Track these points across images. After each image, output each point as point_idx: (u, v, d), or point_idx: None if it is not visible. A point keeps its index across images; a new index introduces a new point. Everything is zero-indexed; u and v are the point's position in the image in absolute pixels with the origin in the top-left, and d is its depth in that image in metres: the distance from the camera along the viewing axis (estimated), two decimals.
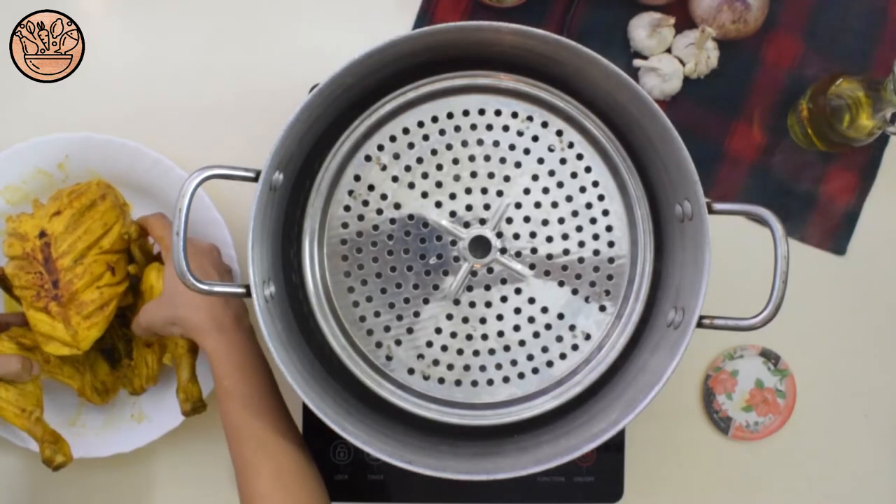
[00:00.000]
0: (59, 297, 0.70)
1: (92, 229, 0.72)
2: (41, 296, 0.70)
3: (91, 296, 0.71)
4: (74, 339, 0.71)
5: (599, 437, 0.60)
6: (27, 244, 0.71)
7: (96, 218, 0.72)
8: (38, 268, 0.71)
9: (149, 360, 0.76)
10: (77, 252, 0.71)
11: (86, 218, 0.72)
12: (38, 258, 0.70)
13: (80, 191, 0.73)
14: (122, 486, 0.78)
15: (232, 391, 0.66)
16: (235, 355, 0.67)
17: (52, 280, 0.70)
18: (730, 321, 0.60)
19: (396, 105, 0.69)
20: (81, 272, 0.71)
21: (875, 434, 0.80)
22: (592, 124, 0.69)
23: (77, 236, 0.71)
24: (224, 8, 0.79)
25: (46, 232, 0.71)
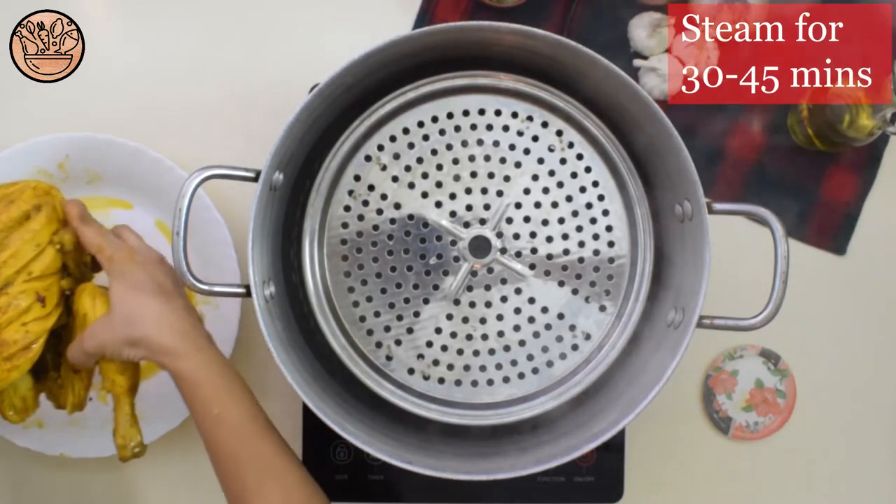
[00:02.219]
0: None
1: (21, 252, 0.61)
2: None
3: (14, 335, 0.61)
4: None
5: (599, 437, 0.60)
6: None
7: (27, 238, 0.62)
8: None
9: (76, 388, 0.67)
10: (3, 281, 0.61)
11: (14, 238, 0.61)
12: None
13: (9, 197, 0.63)
14: (121, 486, 0.78)
15: (224, 418, 0.60)
16: (220, 377, 0.61)
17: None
18: (730, 321, 0.60)
19: (396, 105, 0.69)
20: (4, 306, 0.60)
21: (875, 434, 0.80)
22: (592, 124, 0.69)
23: (2, 261, 0.61)
24: (224, 8, 0.79)
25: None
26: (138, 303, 0.60)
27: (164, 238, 0.77)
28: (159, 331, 0.60)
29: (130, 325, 0.60)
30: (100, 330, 0.61)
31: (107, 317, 0.61)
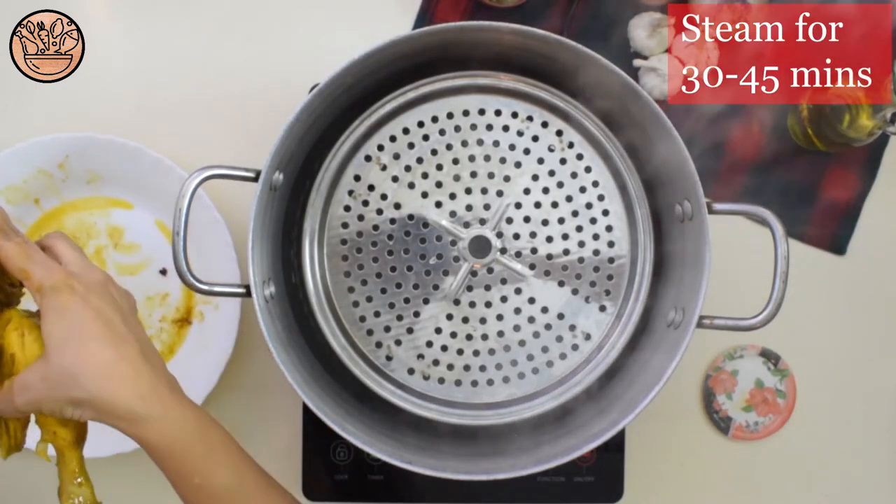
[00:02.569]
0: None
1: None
2: None
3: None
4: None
5: (599, 437, 0.60)
6: None
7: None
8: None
9: (11, 429, 0.55)
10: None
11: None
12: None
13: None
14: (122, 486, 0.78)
15: (206, 487, 0.51)
16: (195, 440, 0.51)
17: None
18: (730, 321, 0.60)
19: (396, 105, 0.69)
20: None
21: (875, 434, 0.80)
22: (592, 124, 0.69)
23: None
24: (224, 8, 0.79)
25: None
26: (81, 350, 0.48)
27: (164, 238, 0.77)
28: (111, 390, 0.49)
29: (72, 381, 0.48)
30: (34, 383, 0.49)
31: (42, 366, 0.49)
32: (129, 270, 0.78)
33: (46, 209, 0.77)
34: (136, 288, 0.77)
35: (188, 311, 0.78)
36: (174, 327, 0.78)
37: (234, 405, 0.78)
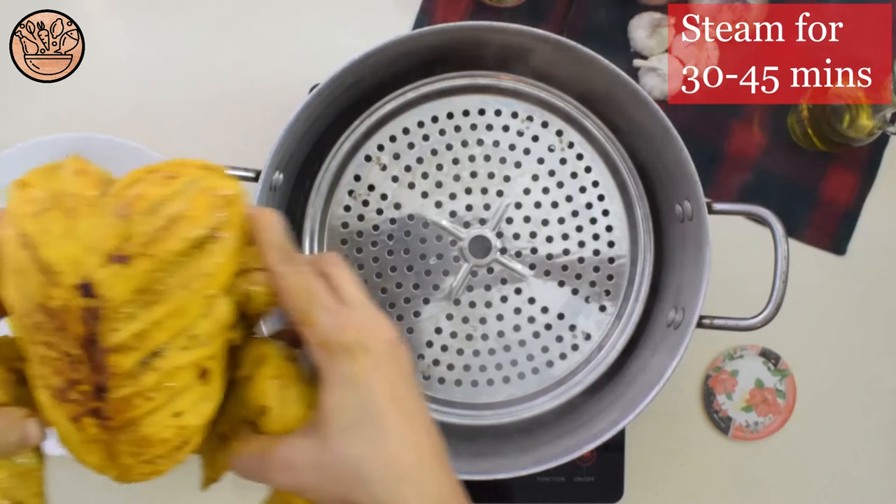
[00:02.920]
0: (103, 415, 0.37)
1: (185, 309, 0.37)
2: (68, 396, 0.37)
3: (164, 433, 0.39)
4: (117, 477, 0.42)
5: (599, 437, 0.60)
6: (55, 293, 0.36)
7: (195, 287, 0.37)
8: (69, 347, 0.36)
9: (219, 462, 0.48)
10: (150, 349, 0.37)
11: (176, 281, 0.36)
12: (74, 331, 0.36)
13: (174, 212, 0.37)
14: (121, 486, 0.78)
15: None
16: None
17: (96, 384, 0.37)
18: (730, 321, 0.60)
19: (396, 105, 0.69)
20: (154, 386, 0.37)
21: (875, 434, 0.80)
22: (592, 124, 0.69)
23: (154, 321, 0.36)
24: (224, 8, 0.79)
25: (94, 289, 0.36)
26: (375, 444, 0.37)
27: None
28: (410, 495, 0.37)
29: (357, 481, 0.37)
30: (303, 468, 0.38)
31: (317, 450, 0.38)
32: None
33: None
34: None
35: None
36: None
37: None
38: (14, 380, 0.40)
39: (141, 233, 0.36)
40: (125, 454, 0.39)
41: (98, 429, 0.38)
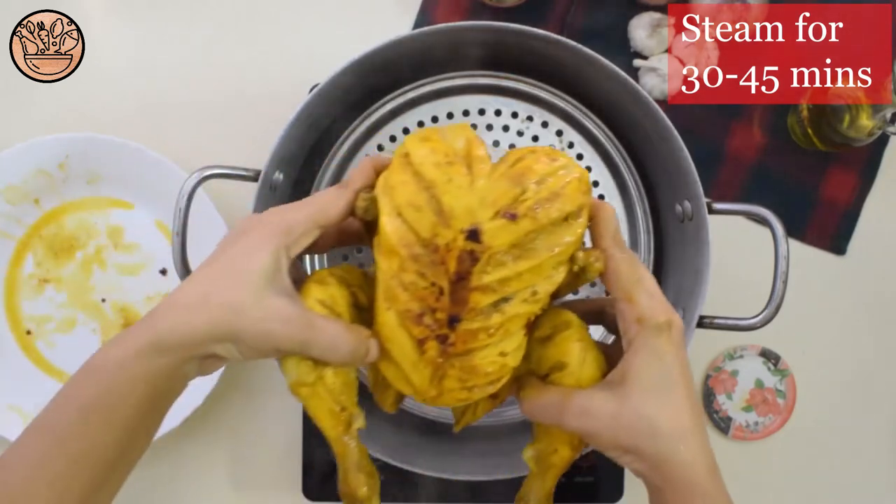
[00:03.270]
0: (447, 341, 0.45)
1: (542, 267, 0.45)
2: (423, 321, 0.45)
3: (489, 366, 0.46)
4: (429, 398, 0.48)
5: None
6: (443, 232, 0.44)
7: (556, 252, 0.45)
8: (440, 279, 0.44)
9: (479, 408, 0.53)
10: (504, 294, 0.45)
11: (542, 244, 0.45)
12: (450, 267, 0.44)
13: (553, 187, 0.45)
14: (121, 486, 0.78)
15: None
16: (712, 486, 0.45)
17: (451, 315, 0.44)
18: (730, 321, 0.60)
19: (396, 105, 0.69)
20: (496, 326, 0.45)
21: (875, 434, 0.80)
22: (592, 124, 0.69)
23: (518, 271, 0.44)
24: (224, 8, 0.79)
25: (480, 236, 0.44)
26: (667, 405, 0.44)
27: (164, 238, 0.77)
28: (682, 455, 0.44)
29: (648, 434, 0.44)
30: (600, 417, 0.45)
31: (616, 404, 0.45)
32: (129, 270, 0.78)
33: (46, 209, 0.77)
34: (136, 288, 0.78)
35: None
36: None
37: (234, 405, 0.78)
38: (352, 302, 0.48)
39: (530, 198, 0.44)
40: (452, 378, 0.46)
41: (437, 353, 0.45)
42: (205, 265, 0.46)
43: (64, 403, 0.44)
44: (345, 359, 0.46)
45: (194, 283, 0.45)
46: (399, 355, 0.46)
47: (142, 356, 0.43)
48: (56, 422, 0.43)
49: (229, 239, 0.47)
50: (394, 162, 0.47)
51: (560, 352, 0.47)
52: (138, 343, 0.43)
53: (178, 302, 0.44)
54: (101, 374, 0.43)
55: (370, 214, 0.47)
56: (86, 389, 0.43)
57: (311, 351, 0.45)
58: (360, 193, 0.47)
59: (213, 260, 0.46)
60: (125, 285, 0.78)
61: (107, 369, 0.43)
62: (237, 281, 0.44)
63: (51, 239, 0.77)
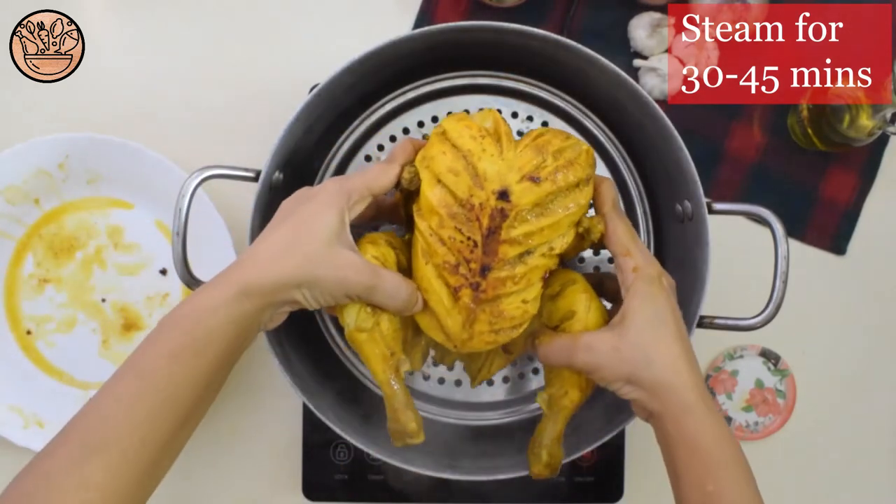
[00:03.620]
0: (479, 288, 0.53)
1: (558, 224, 0.54)
2: (458, 271, 0.53)
3: (514, 310, 0.54)
4: (462, 342, 0.55)
5: (599, 438, 0.60)
6: (478, 193, 0.53)
7: (569, 210, 0.54)
8: (474, 233, 0.53)
9: (494, 364, 0.62)
10: (528, 247, 0.53)
11: (558, 204, 0.53)
12: (483, 223, 0.52)
13: (568, 157, 0.54)
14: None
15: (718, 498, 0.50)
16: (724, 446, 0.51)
17: (483, 265, 0.53)
18: (730, 321, 0.60)
19: (396, 105, 0.69)
20: (521, 275, 0.53)
21: (875, 434, 0.80)
22: (592, 124, 0.69)
23: (539, 227, 0.53)
24: (224, 8, 0.79)
25: (509, 196, 0.52)
26: (658, 339, 0.51)
27: (164, 238, 0.77)
28: (674, 379, 0.51)
29: (644, 363, 0.51)
30: (603, 350, 0.52)
31: (616, 339, 0.52)
32: (129, 270, 0.78)
33: (46, 209, 0.77)
34: (136, 288, 0.78)
35: None
36: None
37: (234, 405, 0.78)
38: (396, 261, 0.55)
39: (550, 165, 0.53)
40: (482, 322, 0.54)
41: (470, 299, 0.53)
42: (276, 226, 0.52)
43: (155, 348, 0.48)
44: (402, 304, 0.53)
45: (272, 240, 0.51)
46: (436, 303, 0.54)
47: (231, 303, 0.49)
48: (147, 366, 0.48)
49: (291, 205, 0.53)
50: (432, 139, 0.55)
51: (569, 302, 0.56)
52: (228, 291, 0.49)
53: (262, 254, 0.51)
54: (191, 321, 0.49)
55: (413, 185, 0.55)
56: (176, 336, 0.48)
57: (376, 296, 0.52)
58: (405, 167, 0.55)
59: (281, 221, 0.52)
60: (125, 285, 0.78)
61: (197, 316, 0.49)
62: (312, 236, 0.51)
63: (51, 239, 0.77)
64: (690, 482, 0.50)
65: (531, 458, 0.58)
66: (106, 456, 0.45)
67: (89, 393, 0.77)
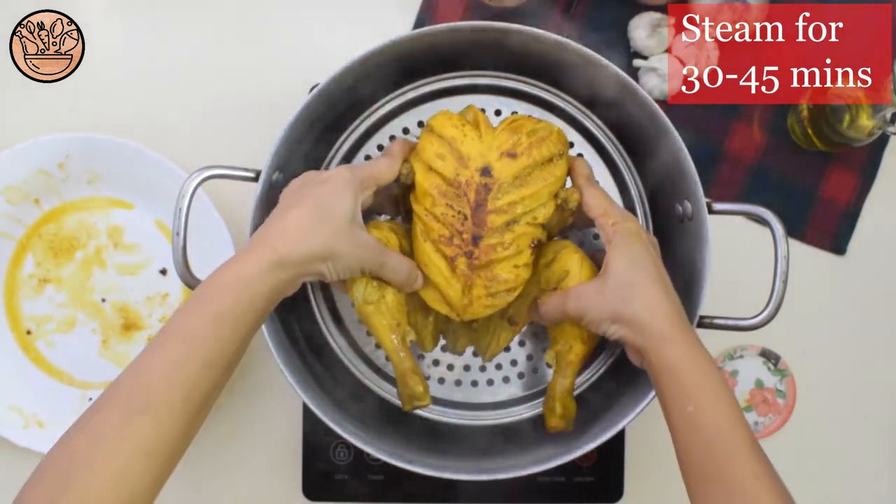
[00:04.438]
0: (472, 255, 0.59)
1: (537, 194, 0.59)
2: (452, 242, 0.59)
3: (507, 274, 0.59)
4: (463, 308, 0.60)
5: (599, 437, 0.60)
6: (463, 172, 0.59)
7: (547, 181, 0.60)
8: (464, 207, 0.59)
9: (502, 338, 0.66)
10: (513, 216, 0.59)
11: (536, 177, 0.59)
12: (470, 197, 0.59)
13: (541, 135, 0.60)
14: None
15: (697, 420, 0.53)
16: (702, 372, 0.54)
17: (474, 234, 0.58)
18: (730, 321, 0.60)
19: (396, 105, 0.69)
20: (509, 241, 0.59)
21: (875, 434, 0.80)
22: (592, 124, 0.69)
23: (521, 196, 0.59)
24: (224, 8, 0.79)
25: (491, 171, 0.59)
26: (637, 281, 0.56)
27: (164, 238, 0.77)
28: (652, 314, 0.55)
29: (624, 301, 0.56)
30: (589, 295, 0.58)
31: (599, 284, 0.57)
32: (129, 270, 0.78)
33: (46, 209, 0.77)
34: (136, 288, 0.78)
35: None
36: None
37: (234, 405, 0.78)
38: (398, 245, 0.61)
39: (525, 143, 0.59)
40: (479, 287, 0.59)
41: (466, 266, 0.59)
42: (293, 205, 0.56)
43: (198, 314, 0.52)
44: (404, 278, 0.59)
45: (297, 216, 0.55)
46: (436, 275, 0.60)
47: (265, 273, 0.53)
48: (192, 330, 0.51)
49: (303, 188, 0.57)
50: (421, 136, 0.61)
51: (563, 264, 0.61)
52: (263, 262, 0.53)
53: (291, 229, 0.55)
54: (232, 289, 0.52)
55: (409, 178, 0.61)
56: (219, 303, 0.52)
57: (384, 271, 0.58)
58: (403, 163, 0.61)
59: (299, 201, 0.56)
60: (125, 285, 0.78)
61: (236, 286, 0.52)
62: (335, 215, 0.56)
63: (51, 239, 0.77)
64: (673, 407, 0.54)
65: (547, 413, 0.62)
66: (153, 414, 0.48)
67: (89, 393, 0.77)
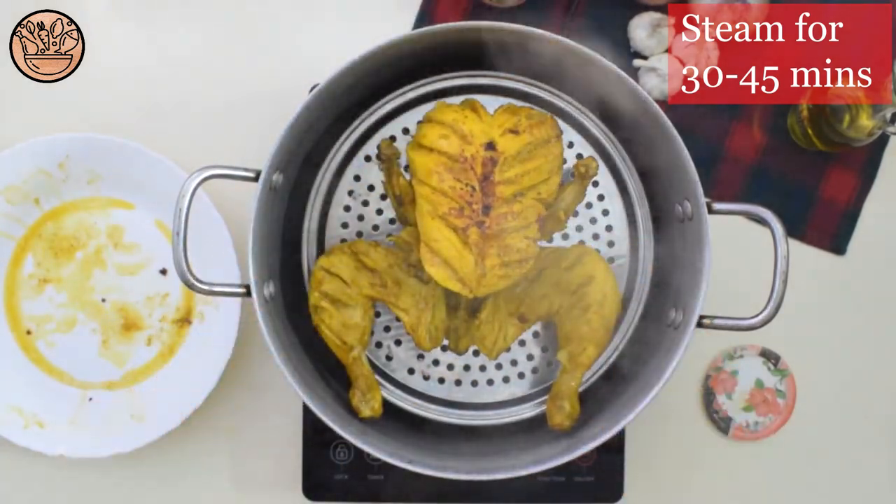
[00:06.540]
0: (484, 224, 0.60)
1: (540, 169, 0.62)
2: (463, 213, 0.60)
3: (520, 243, 0.60)
4: (477, 281, 0.60)
5: (599, 437, 0.60)
6: (468, 148, 0.61)
7: (549, 159, 0.62)
8: (471, 180, 0.60)
9: (508, 334, 0.66)
10: (520, 187, 0.61)
11: (537, 154, 0.62)
12: (477, 171, 0.61)
13: (538, 118, 0.63)
14: (121, 486, 0.78)
15: None
16: None
17: (484, 204, 0.60)
18: (730, 321, 0.60)
19: (396, 105, 0.69)
20: (518, 211, 0.61)
21: (875, 434, 0.80)
22: (592, 124, 0.69)
23: (526, 169, 0.61)
24: (224, 8, 0.79)
25: (496, 146, 0.61)
26: None
27: (164, 238, 0.78)
28: None
29: None
30: None
31: None
32: (129, 270, 0.78)
33: (46, 209, 0.77)
34: (136, 288, 0.78)
35: (188, 311, 0.78)
36: (174, 327, 0.78)
37: (234, 405, 0.78)
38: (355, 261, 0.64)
39: (526, 122, 0.63)
40: (492, 255, 0.60)
41: (477, 236, 0.60)
42: None
43: None
44: None
45: None
46: (447, 251, 0.60)
47: None
48: None
49: None
50: (419, 127, 0.63)
51: (587, 269, 0.64)
52: None
53: None
54: None
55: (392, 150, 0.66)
56: None
57: None
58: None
59: None
60: (125, 285, 0.78)
61: None
62: None
63: (51, 239, 0.77)
64: None
65: (553, 411, 0.64)
66: None
67: (89, 393, 0.77)
